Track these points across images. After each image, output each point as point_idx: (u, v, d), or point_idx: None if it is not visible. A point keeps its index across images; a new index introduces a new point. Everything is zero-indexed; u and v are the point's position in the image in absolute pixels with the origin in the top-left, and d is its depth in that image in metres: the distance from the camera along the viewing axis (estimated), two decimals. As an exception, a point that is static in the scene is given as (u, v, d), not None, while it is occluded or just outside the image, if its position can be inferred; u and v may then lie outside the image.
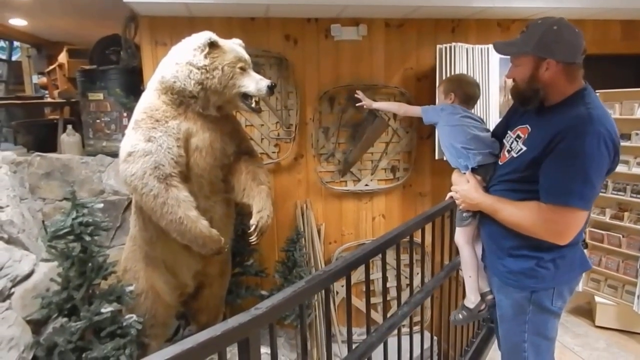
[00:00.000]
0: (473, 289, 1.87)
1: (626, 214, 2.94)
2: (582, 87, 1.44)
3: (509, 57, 1.56)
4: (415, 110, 2.27)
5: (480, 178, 1.71)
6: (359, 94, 2.65)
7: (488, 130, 1.84)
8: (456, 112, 1.89)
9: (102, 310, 2.20)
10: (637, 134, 2.82)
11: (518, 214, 1.47)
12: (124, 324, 2.29)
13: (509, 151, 1.60)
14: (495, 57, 3.47)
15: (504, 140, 1.66)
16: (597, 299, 3.09)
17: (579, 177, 1.34)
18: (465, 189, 1.69)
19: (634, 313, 2.86)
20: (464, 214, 1.79)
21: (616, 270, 3.00)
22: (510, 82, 1.63)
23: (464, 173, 1.76)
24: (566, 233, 1.41)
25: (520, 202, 1.49)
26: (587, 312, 3.20)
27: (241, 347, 0.97)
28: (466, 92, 1.98)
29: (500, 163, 1.66)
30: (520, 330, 1.58)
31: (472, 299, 1.88)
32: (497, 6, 3.36)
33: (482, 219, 1.70)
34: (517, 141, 1.56)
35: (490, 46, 3.41)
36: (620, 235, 2.96)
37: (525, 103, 1.53)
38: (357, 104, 2.69)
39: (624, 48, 4.11)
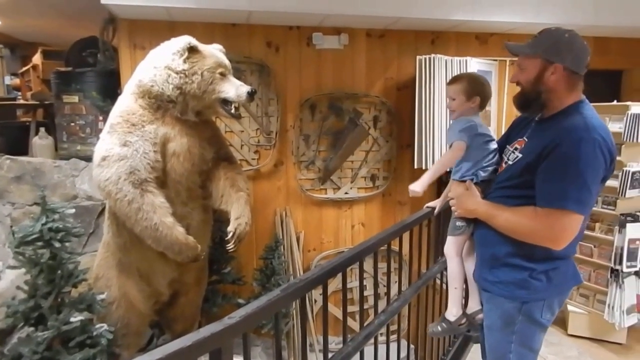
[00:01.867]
0: (456, 302, 1.83)
1: (597, 224, 3.02)
2: (580, 100, 1.47)
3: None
4: (453, 151, 1.78)
5: (480, 189, 1.68)
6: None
7: (494, 142, 1.78)
8: (478, 131, 1.72)
9: (72, 319, 2.13)
10: (608, 147, 2.91)
11: (514, 219, 1.48)
12: (95, 333, 2.21)
13: (506, 162, 1.63)
14: (473, 70, 3.53)
15: (503, 155, 1.68)
16: (569, 307, 3.15)
17: (574, 181, 1.36)
18: (462, 194, 1.68)
19: (605, 322, 2.93)
20: (457, 223, 1.74)
21: (588, 279, 3.06)
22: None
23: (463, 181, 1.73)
24: (562, 237, 1.41)
25: (516, 207, 1.49)
26: (560, 320, 3.25)
27: (213, 358, 0.94)
28: (488, 94, 1.82)
29: (497, 173, 1.69)
30: (508, 340, 1.57)
31: (453, 312, 1.83)
32: (475, 20, 3.43)
33: (477, 227, 1.68)
34: (514, 152, 1.59)
35: (469, 58, 3.49)
36: (592, 246, 3.03)
37: (527, 107, 1.55)
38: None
39: (598, 63, 4.24)
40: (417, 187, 1.79)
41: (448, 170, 1.85)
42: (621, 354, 2.91)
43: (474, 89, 1.72)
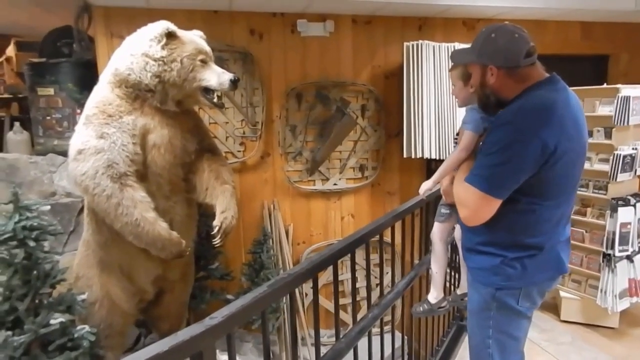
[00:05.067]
0: (438, 285, 1.90)
1: (589, 209, 2.99)
2: (532, 84, 1.43)
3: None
4: (467, 139, 1.67)
5: None
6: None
7: None
8: (482, 117, 1.63)
9: (51, 321, 2.03)
10: (598, 131, 2.88)
11: (456, 192, 1.51)
12: (76, 335, 2.11)
13: None
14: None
15: None
16: (561, 293, 3.14)
17: (484, 161, 1.39)
18: (449, 186, 1.70)
19: (598, 307, 2.92)
20: (442, 210, 1.78)
21: (580, 265, 3.05)
22: None
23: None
24: (472, 214, 1.43)
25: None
26: (552, 306, 3.24)
27: (194, 362, 0.86)
28: None
29: None
30: (485, 325, 1.57)
31: (434, 295, 1.91)
32: (462, 4, 3.37)
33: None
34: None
35: (456, 44, 3.42)
36: (584, 231, 3.01)
37: (485, 109, 1.57)
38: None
39: (584, 48, 4.23)
40: (428, 184, 1.88)
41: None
42: (613, 339, 2.91)
43: (470, 73, 1.60)
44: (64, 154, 3.00)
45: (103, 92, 2.18)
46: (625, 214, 2.81)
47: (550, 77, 1.45)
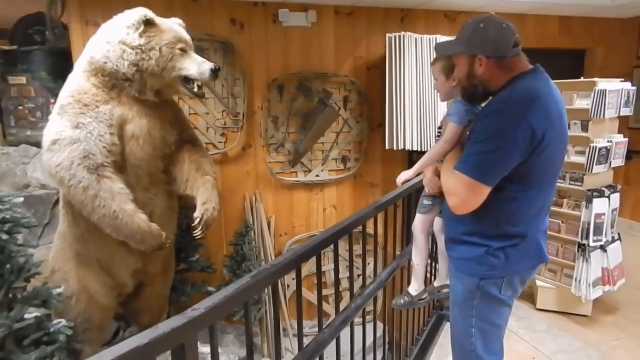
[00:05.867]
0: (419, 278, 1.91)
1: (565, 200, 3.06)
2: (518, 74, 1.45)
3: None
4: (451, 131, 1.64)
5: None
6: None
7: None
8: (467, 109, 1.61)
9: (26, 316, 1.97)
10: (575, 124, 2.93)
11: (445, 181, 1.51)
12: (52, 330, 2.06)
13: None
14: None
15: None
16: (538, 282, 3.21)
17: (474, 149, 1.40)
18: (432, 178, 1.74)
19: (572, 295, 3.00)
20: (425, 202, 1.78)
21: (556, 255, 3.12)
22: None
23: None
24: (462, 203, 1.43)
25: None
26: (529, 296, 3.32)
27: (176, 355, 0.85)
28: None
29: None
30: (469, 315, 1.59)
31: (415, 287, 1.92)
32: (444, -4, 3.38)
33: (445, 205, 1.68)
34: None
35: (439, 36, 3.44)
36: (560, 222, 3.08)
37: (471, 100, 1.57)
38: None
39: (562, 43, 4.31)
40: (408, 174, 1.89)
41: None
42: (587, 326, 3.00)
43: (452, 67, 1.62)
44: (38, 145, 2.91)
45: (78, 81, 2.11)
46: (600, 205, 2.88)
47: (534, 68, 1.48)
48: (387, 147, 3.54)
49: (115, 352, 0.71)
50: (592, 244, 2.91)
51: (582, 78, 3.26)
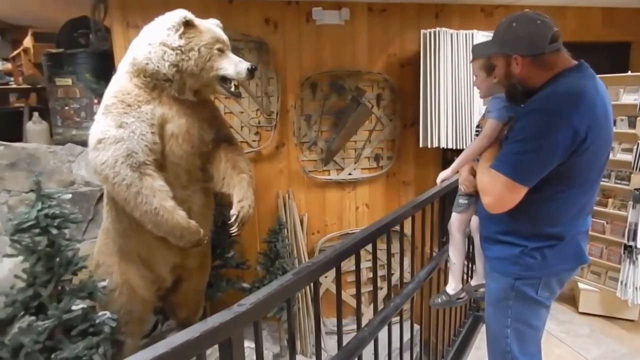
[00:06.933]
0: (456, 276, 1.90)
1: (610, 200, 2.94)
2: (560, 71, 1.40)
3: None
4: (490, 127, 1.62)
5: None
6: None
7: None
8: (506, 105, 1.59)
9: (73, 307, 2.06)
10: (621, 120, 2.81)
11: (480, 179, 1.48)
12: (97, 321, 2.15)
13: None
14: (479, 43, 3.41)
15: None
16: (580, 285, 3.10)
17: (512, 148, 1.36)
18: (467, 177, 1.72)
19: (617, 299, 2.88)
20: (460, 201, 1.77)
21: (599, 256, 3.00)
22: None
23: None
24: (496, 202, 1.39)
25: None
26: (569, 298, 3.21)
27: (223, 349, 0.87)
28: None
29: None
30: (503, 315, 1.56)
31: (452, 286, 1.91)
32: (481, -10, 3.30)
33: (479, 204, 1.65)
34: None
35: (475, 31, 3.36)
36: (604, 222, 2.96)
37: (511, 99, 1.54)
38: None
39: (605, 35, 4.12)
40: (446, 173, 1.85)
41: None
42: (633, 331, 2.87)
43: (493, 64, 1.55)
44: (82, 143, 3.04)
45: (121, 82, 2.18)
46: (647, 205, 2.75)
47: (578, 64, 1.42)
48: (420, 145, 3.50)
49: (169, 344, 0.73)
50: (639, 246, 2.78)
51: (629, 72, 3.11)
